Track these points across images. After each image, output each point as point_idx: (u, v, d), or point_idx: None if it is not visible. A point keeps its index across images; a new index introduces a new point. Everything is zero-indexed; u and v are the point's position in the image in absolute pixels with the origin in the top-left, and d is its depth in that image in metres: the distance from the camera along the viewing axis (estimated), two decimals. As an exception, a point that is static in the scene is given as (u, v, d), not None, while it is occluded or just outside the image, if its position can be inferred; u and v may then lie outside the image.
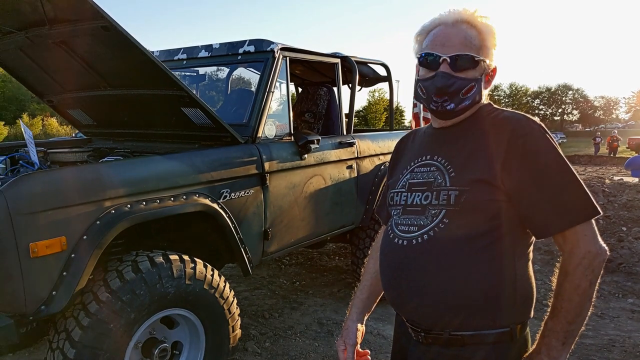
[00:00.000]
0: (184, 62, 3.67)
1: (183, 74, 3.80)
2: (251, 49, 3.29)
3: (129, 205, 2.28)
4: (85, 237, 2.13)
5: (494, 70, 1.28)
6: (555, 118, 73.38)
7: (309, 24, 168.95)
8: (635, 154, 19.90)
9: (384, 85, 4.95)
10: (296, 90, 5.05)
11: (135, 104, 3.16)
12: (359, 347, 1.50)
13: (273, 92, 3.16)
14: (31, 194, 2.00)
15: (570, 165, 1.15)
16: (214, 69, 3.95)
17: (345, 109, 4.03)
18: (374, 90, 52.09)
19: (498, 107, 1.29)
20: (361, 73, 4.40)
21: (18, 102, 44.25)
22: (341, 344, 1.48)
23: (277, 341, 3.50)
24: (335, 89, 4.04)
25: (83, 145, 3.71)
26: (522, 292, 1.21)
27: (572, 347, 1.17)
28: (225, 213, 2.72)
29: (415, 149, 1.40)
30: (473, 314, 1.19)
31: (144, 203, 2.33)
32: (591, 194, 1.15)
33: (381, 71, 4.77)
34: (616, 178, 9.72)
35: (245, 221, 2.89)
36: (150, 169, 2.46)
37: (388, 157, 2.30)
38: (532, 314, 1.25)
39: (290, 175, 3.22)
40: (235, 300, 2.71)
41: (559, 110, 74.64)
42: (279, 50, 3.22)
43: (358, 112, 46.60)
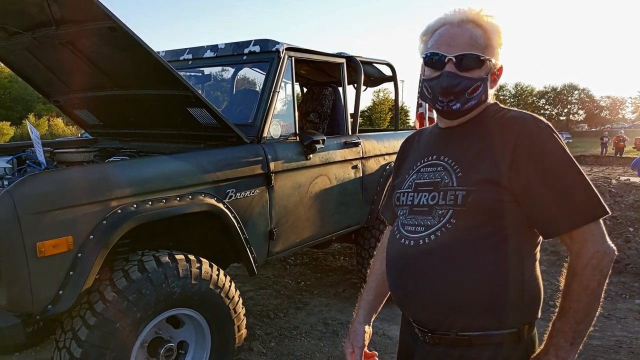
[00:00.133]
0: (190, 62, 3.68)
1: (189, 74, 3.81)
2: (256, 49, 3.30)
3: (135, 205, 2.28)
4: (91, 237, 2.13)
5: (500, 69, 1.27)
6: (561, 118, 73.02)
7: (308, 17, 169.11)
8: (642, 154, 19.79)
9: (389, 85, 4.96)
10: (301, 90, 5.05)
11: (141, 104, 3.17)
12: (366, 349, 1.50)
13: (278, 92, 3.16)
14: (38, 193, 2.01)
15: (578, 165, 1.15)
16: (219, 69, 3.96)
17: (350, 109, 4.03)
18: (379, 90, 52.18)
19: (505, 107, 1.29)
20: (366, 73, 4.39)
21: (24, 103, 44.51)
22: (349, 346, 1.48)
23: (283, 341, 3.50)
24: (340, 88, 4.04)
25: (89, 145, 3.73)
26: (530, 293, 1.21)
27: (580, 348, 1.17)
28: (231, 213, 2.72)
29: (421, 149, 1.39)
30: (480, 314, 1.19)
31: (150, 203, 2.34)
32: (598, 194, 1.14)
33: (386, 71, 4.77)
34: (623, 178, 9.64)
35: (250, 221, 2.90)
36: (156, 169, 2.47)
37: (393, 157, 2.30)
38: (540, 315, 1.25)
39: (296, 175, 3.22)
40: (240, 300, 2.71)
41: (565, 110, 74.31)
42: (285, 51, 3.22)
43: (363, 112, 46.52)
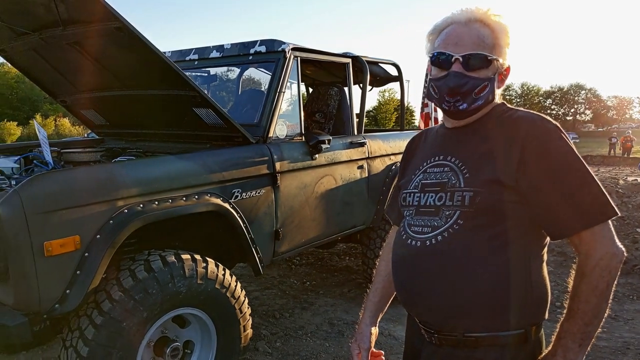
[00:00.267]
0: (196, 63, 3.69)
1: (194, 74, 3.81)
2: (262, 49, 3.30)
3: (141, 205, 2.29)
4: (98, 237, 2.14)
5: (508, 69, 1.26)
6: (568, 118, 72.73)
7: (309, 14, 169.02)
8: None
9: (394, 85, 4.94)
10: (307, 90, 5.05)
11: (148, 104, 3.18)
12: (373, 348, 1.50)
13: (284, 92, 3.16)
14: (46, 193, 2.02)
15: (587, 166, 1.14)
16: (224, 69, 3.97)
17: (356, 109, 4.03)
18: (384, 90, 52.14)
19: (512, 107, 1.28)
20: (372, 73, 4.39)
21: (31, 103, 44.80)
22: (355, 347, 1.48)
23: (288, 341, 3.50)
24: (346, 88, 4.04)
25: (96, 145, 3.75)
26: (537, 293, 1.20)
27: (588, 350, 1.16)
28: (237, 213, 2.73)
29: (428, 149, 1.38)
30: (487, 316, 1.18)
31: (157, 203, 2.35)
32: (606, 195, 1.14)
33: (392, 71, 4.76)
34: (630, 179, 9.59)
35: (256, 221, 2.90)
36: (162, 169, 2.48)
37: (399, 157, 2.28)
38: (547, 316, 1.24)
39: (301, 175, 3.22)
40: (246, 300, 2.71)
41: (572, 110, 74.02)
42: (290, 51, 3.22)
43: (368, 112, 46.37)
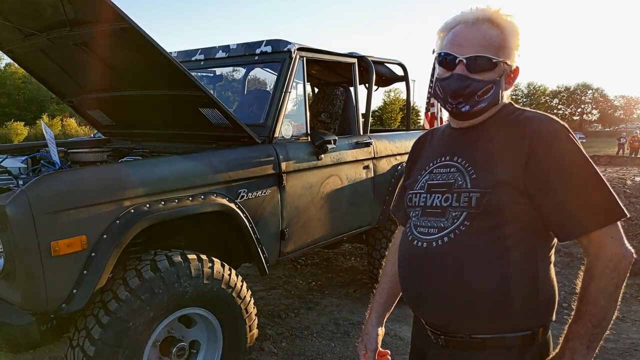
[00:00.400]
0: (202, 63, 3.69)
1: (200, 74, 3.82)
2: (268, 49, 3.30)
3: (148, 205, 2.30)
4: (105, 236, 2.15)
5: (516, 70, 1.24)
6: (575, 118, 72.31)
7: (308, 12, 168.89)
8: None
9: (399, 85, 4.93)
10: (312, 90, 5.05)
11: (154, 104, 3.19)
12: (380, 348, 1.50)
13: (290, 93, 3.16)
14: (53, 193, 2.03)
15: (595, 166, 1.13)
16: (230, 69, 3.97)
17: (361, 109, 4.02)
18: (390, 90, 52.02)
19: (519, 107, 1.27)
20: (378, 73, 4.38)
21: (38, 103, 45.01)
22: (362, 348, 1.48)
23: (294, 341, 3.50)
24: (351, 88, 4.03)
25: (102, 145, 3.76)
26: (544, 295, 1.19)
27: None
28: (243, 213, 2.73)
29: (434, 150, 1.37)
30: (494, 317, 1.17)
31: (163, 203, 2.35)
32: (614, 195, 1.12)
33: (398, 70, 4.75)
34: (638, 179, 9.50)
35: (262, 221, 2.90)
36: (168, 169, 2.48)
37: (405, 157, 2.28)
38: (554, 317, 1.23)
39: (307, 175, 3.22)
40: (252, 300, 2.72)
41: (578, 110, 73.62)
42: (296, 51, 3.22)
43: (374, 112, 46.41)
